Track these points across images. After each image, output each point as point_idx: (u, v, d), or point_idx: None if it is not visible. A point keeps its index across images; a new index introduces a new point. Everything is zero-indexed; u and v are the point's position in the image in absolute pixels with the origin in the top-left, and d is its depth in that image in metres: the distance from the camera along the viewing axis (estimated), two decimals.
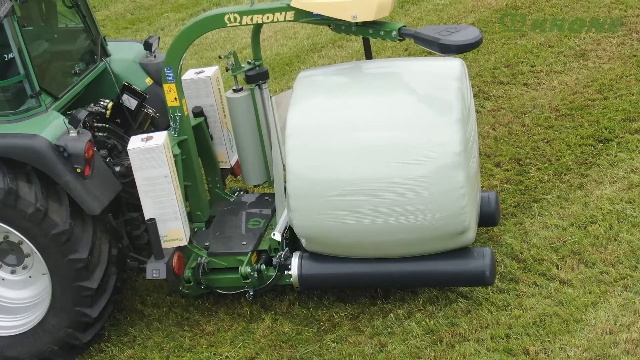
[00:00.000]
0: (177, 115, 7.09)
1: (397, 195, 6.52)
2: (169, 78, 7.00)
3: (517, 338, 6.55)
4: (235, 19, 6.83)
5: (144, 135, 6.83)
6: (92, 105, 7.25)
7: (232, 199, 7.88)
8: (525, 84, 10.60)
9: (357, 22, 6.68)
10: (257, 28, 7.32)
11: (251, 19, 6.81)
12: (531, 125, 9.56)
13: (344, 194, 6.58)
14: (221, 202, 7.82)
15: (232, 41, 13.30)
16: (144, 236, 7.46)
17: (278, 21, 6.87)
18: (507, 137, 9.40)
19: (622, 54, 10.95)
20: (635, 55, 10.84)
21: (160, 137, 6.76)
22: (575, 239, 7.54)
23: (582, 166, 8.66)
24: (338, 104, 6.80)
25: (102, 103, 7.44)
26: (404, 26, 6.58)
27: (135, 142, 6.73)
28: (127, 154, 7.40)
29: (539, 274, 7.22)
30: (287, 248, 7.10)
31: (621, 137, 9.05)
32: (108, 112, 7.46)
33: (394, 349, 6.64)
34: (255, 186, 8.05)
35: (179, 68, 7.03)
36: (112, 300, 7.03)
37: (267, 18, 6.81)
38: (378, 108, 6.67)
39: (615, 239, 7.47)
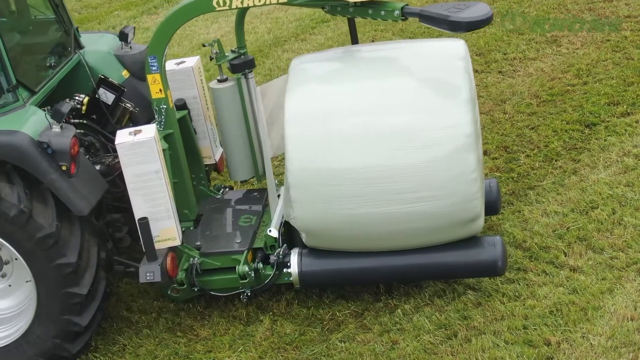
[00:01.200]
0: (163, 108, 6.65)
1: (405, 182, 6.18)
2: (153, 68, 6.55)
3: (535, 329, 6.25)
4: (224, 2, 6.41)
5: (132, 129, 6.37)
6: (67, 100, 6.75)
7: (219, 197, 7.44)
8: (500, 72, 10.39)
9: (355, 2, 6.31)
10: (242, 13, 6.93)
11: (242, 2, 6.40)
12: (513, 113, 9.32)
13: (347, 182, 6.22)
14: (207, 199, 7.40)
15: (189, 37, 12.85)
16: (126, 239, 6.99)
17: (270, 4, 6.47)
18: (490, 125, 9.14)
19: (594, 39, 10.81)
20: (608, 40, 10.70)
21: (149, 130, 6.32)
22: (579, 224, 7.28)
23: (573, 151, 8.43)
24: (338, 89, 6.45)
25: (77, 98, 6.96)
26: (407, 5, 6.23)
27: (123, 136, 6.27)
28: (106, 152, 6.95)
29: (546, 262, 6.94)
30: (284, 245, 6.68)
31: (608, 121, 8.85)
32: (84, 108, 6.98)
33: (407, 345, 6.29)
34: (241, 182, 7.62)
35: (164, 57, 6.58)
36: (102, 307, 6.55)
37: (259, 0, 6.40)
38: (381, 92, 6.34)
39: (620, 224, 7.24)
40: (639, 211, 7.34)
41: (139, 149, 6.20)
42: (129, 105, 7.24)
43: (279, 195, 7.09)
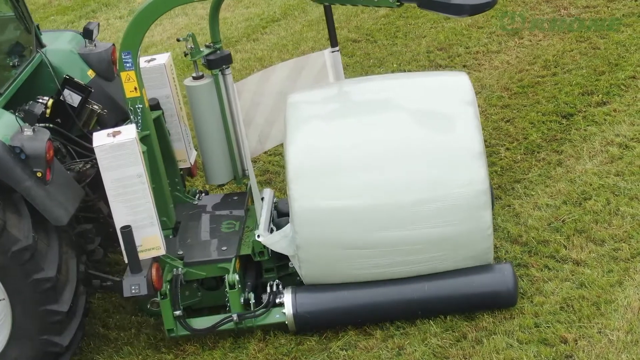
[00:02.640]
0: (138, 108, 6.16)
1: (419, 245, 5.95)
2: (127, 64, 6.05)
3: (548, 326, 5.94)
4: None
5: (110, 130, 5.87)
6: (38, 100, 6.21)
7: (195, 202, 6.95)
8: (464, 66, 10.10)
9: None
10: (217, 6, 6.48)
11: None
12: (486, 106, 9.03)
13: (358, 248, 5.96)
14: (183, 206, 6.90)
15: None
16: (98, 251, 6.46)
17: None
18: None
19: (555, 31, 10.57)
20: (570, 31, 10.49)
21: (130, 131, 5.83)
22: (574, 216, 7.00)
23: (553, 143, 8.18)
24: (344, 141, 6.05)
25: (40, 101, 6.39)
26: None
27: (101, 139, 5.77)
28: (73, 158, 6.41)
29: (547, 257, 6.64)
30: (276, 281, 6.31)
31: (585, 111, 8.63)
32: (48, 111, 6.41)
33: (414, 350, 5.91)
34: (218, 186, 7.15)
35: (138, 53, 6.09)
36: (82, 325, 6.01)
37: None
38: (390, 144, 5.98)
39: (617, 214, 6.98)
40: (634, 200, 7.10)
41: (119, 151, 5.71)
42: (97, 107, 6.72)
43: (262, 198, 6.64)
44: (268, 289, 6.22)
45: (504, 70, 9.75)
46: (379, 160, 5.94)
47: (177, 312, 6.05)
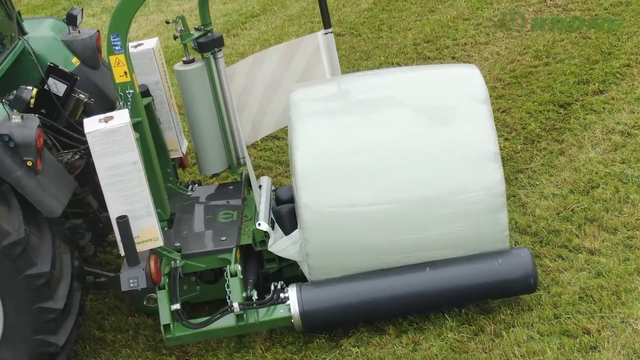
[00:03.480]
0: (129, 93, 5.80)
1: (434, 250, 5.70)
2: (116, 48, 5.69)
3: (568, 317, 5.69)
4: None
5: (101, 116, 5.51)
6: (26, 87, 5.86)
7: (189, 194, 6.64)
8: (453, 57, 9.89)
9: None
10: None
11: None
12: None
13: (372, 254, 5.67)
14: (176, 197, 6.56)
15: None
16: (89, 247, 6.13)
17: None
18: None
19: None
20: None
21: (122, 116, 5.49)
22: (583, 205, 6.78)
23: (553, 132, 7.96)
24: (354, 144, 5.73)
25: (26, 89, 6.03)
26: None
27: (93, 124, 5.41)
28: (61, 150, 6.07)
29: (559, 247, 6.40)
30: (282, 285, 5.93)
31: (582, 100, 8.43)
32: (32, 101, 6.05)
33: (431, 345, 5.63)
34: (212, 176, 6.83)
35: (127, 35, 5.76)
36: (78, 323, 5.66)
37: None
38: (401, 147, 5.69)
39: (627, 202, 6.78)
40: None
41: (113, 137, 5.36)
42: (83, 97, 6.37)
43: (260, 186, 6.35)
44: (272, 287, 5.88)
45: (495, 61, 9.54)
46: (391, 164, 5.63)
47: (175, 306, 5.69)
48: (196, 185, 6.76)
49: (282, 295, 5.75)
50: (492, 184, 5.57)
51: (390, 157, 5.66)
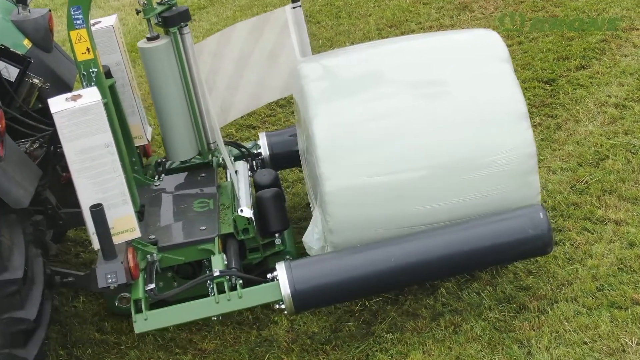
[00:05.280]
0: (93, 72, 5.18)
1: (465, 217, 5.23)
2: (78, 22, 5.05)
3: (612, 289, 5.39)
4: None
5: (68, 95, 4.86)
6: None
7: (157, 184, 6.09)
8: None
9: None
10: None
11: None
12: None
13: (400, 225, 5.20)
14: (144, 188, 6.00)
15: None
16: (52, 246, 5.48)
17: None
18: None
19: (506, 2, 10.18)
20: (522, 2, 10.10)
21: (92, 93, 4.86)
22: (597, 177, 6.52)
23: (544, 108, 7.71)
24: (375, 110, 5.28)
25: None
26: None
27: (60, 104, 4.76)
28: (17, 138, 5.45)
29: (582, 219, 6.11)
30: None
31: (567, 76, 8.21)
32: None
33: (473, 326, 5.26)
34: (182, 163, 6.26)
35: (90, 8, 5.17)
36: (48, 336, 5.03)
37: None
38: (426, 110, 5.26)
39: None
40: None
41: (83, 116, 4.72)
42: (37, 81, 5.69)
43: (236, 171, 5.89)
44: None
45: None
46: (416, 129, 5.22)
47: (150, 285, 5.11)
48: (163, 175, 6.19)
49: (269, 275, 5.12)
50: (523, 145, 5.22)
51: (415, 122, 5.26)
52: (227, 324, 5.62)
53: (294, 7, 6.35)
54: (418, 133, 5.23)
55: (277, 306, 4.97)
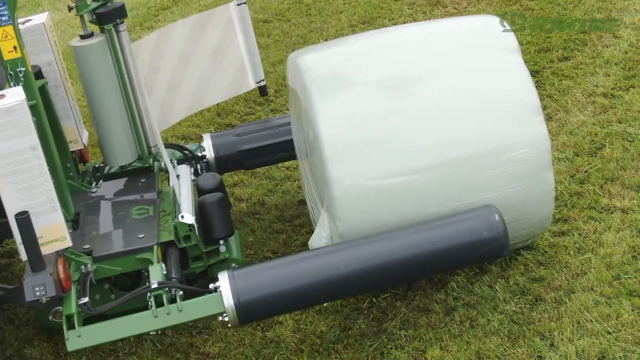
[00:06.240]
0: (20, 71, 4.82)
1: None
2: (3, 18, 4.70)
3: (629, 277, 5.24)
4: None
5: None
6: None
7: (94, 191, 5.69)
8: None
9: None
10: None
11: None
12: None
13: (409, 218, 4.93)
14: (80, 195, 5.61)
15: None
16: None
17: None
18: None
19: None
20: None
21: (16, 93, 4.49)
22: (596, 166, 6.37)
23: None
24: (385, 106, 5.03)
25: None
26: None
27: None
28: None
29: (587, 208, 5.96)
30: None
31: (550, 67, 8.11)
32: None
33: (490, 320, 5.06)
34: (121, 168, 5.85)
35: (16, 3, 4.81)
36: None
37: None
38: (437, 105, 5.03)
39: None
40: None
41: (6, 117, 4.34)
42: None
43: (177, 176, 5.54)
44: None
45: None
46: (428, 125, 5.00)
47: (84, 300, 4.70)
48: (101, 180, 5.79)
49: (211, 285, 4.73)
50: (539, 140, 5.04)
51: (427, 118, 5.02)
52: (226, 324, 5.30)
53: (238, 4, 6.08)
54: (431, 130, 5.00)
55: (221, 318, 4.58)
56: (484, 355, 4.82)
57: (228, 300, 4.53)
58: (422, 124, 5.01)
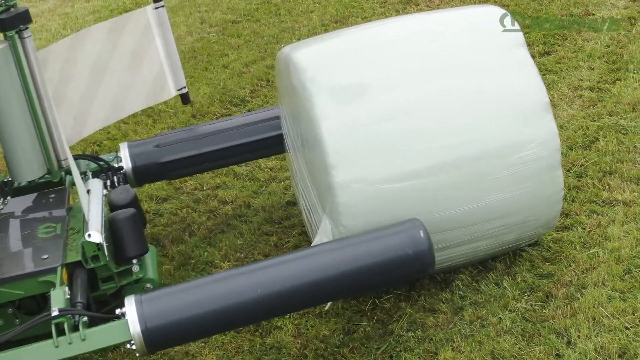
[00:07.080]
0: None
1: (494, 219, 4.88)
2: None
3: None
4: None
5: None
6: None
7: (1, 207, 5.29)
8: None
9: None
10: None
11: None
12: None
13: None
14: None
15: None
16: None
17: None
18: None
19: None
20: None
21: None
22: (592, 159, 6.22)
23: None
24: (389, 106, 4.77)
25: None
26: None
27: None
28: None
29: (588, 202, 5.80)
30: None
31: None
32: None
33: (501, 319, 4.85)
34: (30, 183, 5.43)
35: None
36: None
37: None
38: (444, 105, 4.79)
39: (637, 151, 6.26)
40: None
41: None
42: None
43: (88, 191, 5.16)
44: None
45: None
46: (435, 128, 4.74)
47: None
48: (9, 197, 5.38)
49: (117, 310, 4.27)
50: (548, 138, 4.83)
51: (434, 119, 4.77)
52: (225, 332, 5.07)
53: (156, 8, 5.76)
54: (437, 132, 4.75)
55: (128, 346, 4.18)
56: (499, 355, 4.61)
57: (134, 327, 4.13)
58: (427, 124, 4.76)
